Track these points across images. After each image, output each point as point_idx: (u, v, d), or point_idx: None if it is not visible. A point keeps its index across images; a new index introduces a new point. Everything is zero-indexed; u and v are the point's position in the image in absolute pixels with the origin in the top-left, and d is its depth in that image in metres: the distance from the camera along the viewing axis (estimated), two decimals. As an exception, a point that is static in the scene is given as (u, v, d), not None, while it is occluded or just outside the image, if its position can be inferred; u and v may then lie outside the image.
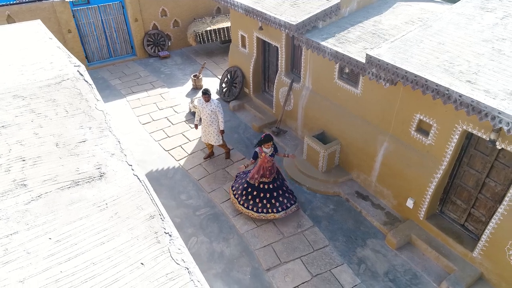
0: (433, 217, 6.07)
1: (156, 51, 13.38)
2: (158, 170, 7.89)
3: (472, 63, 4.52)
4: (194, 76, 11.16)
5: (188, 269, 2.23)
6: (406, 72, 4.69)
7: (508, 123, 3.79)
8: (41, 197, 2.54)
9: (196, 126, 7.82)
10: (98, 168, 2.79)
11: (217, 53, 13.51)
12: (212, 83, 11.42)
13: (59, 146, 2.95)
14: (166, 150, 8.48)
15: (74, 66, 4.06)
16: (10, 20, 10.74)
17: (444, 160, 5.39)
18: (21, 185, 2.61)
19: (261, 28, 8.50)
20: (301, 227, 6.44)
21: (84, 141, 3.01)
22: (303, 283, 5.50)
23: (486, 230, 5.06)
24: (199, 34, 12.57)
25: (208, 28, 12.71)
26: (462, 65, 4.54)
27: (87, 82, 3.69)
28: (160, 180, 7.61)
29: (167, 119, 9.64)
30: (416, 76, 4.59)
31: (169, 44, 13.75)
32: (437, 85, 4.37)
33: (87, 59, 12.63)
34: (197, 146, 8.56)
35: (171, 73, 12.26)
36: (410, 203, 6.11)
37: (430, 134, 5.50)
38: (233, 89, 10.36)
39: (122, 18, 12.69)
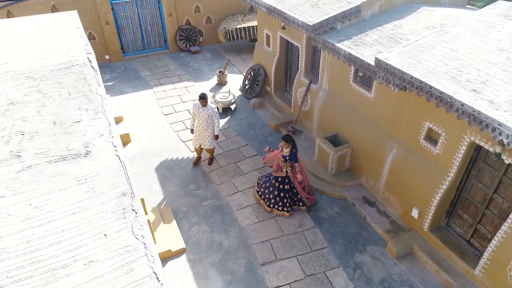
0: (438, 229, 5.87)
1: (188, 46, 13.80)
2: (173, 160, 8.20)
3: (481, 72, 4.35)
4: (219, 72, 11.42)
5: (145, 244, 2.39)
6: (412, 77, 4.59)
7: (508, 136, 3.63)
8: (31, 168, 2.79)
9: (192, 131, 7.68)
10: (86, 147, 3.02)
11: (246, 51, 13.70)
12: (236, 80, 11.63)
13: (56, 124, 3.22)
14: (183, 141, 8.78)
15: (86, 53, 4.35)
16: (54, 10, 11.54)
17: (450, 171, 5.21)
18: (16, 156, 2.88)
19: (283, 28, 8.56)
20: (302, 227, 6.46)
21: (79, 122, 3.27)
22: (295, 281, 5.54)
23: (489, 248, 4.85)
24: (228, 32, 12.81)
25: (238, 26, 12.92)
26: (471, 73, 4.38)
27: (93, 69, 3.97)
28: (173, 169, 7.90)
29: (188, 111, 9.95)
30: (421, 82, 4.48)
31: (201, 40, 14.13)
32: (440, 92, 4.25)
33: (123, 50, 13.27)
34: (213, 140, 8.78)
35: (199, 68, 12.61)
36: (415, 213, 5.95)
37: (439, 144, 5.33)
38: (255, 86, 10.49)
39: (157, 12, 13.21)
